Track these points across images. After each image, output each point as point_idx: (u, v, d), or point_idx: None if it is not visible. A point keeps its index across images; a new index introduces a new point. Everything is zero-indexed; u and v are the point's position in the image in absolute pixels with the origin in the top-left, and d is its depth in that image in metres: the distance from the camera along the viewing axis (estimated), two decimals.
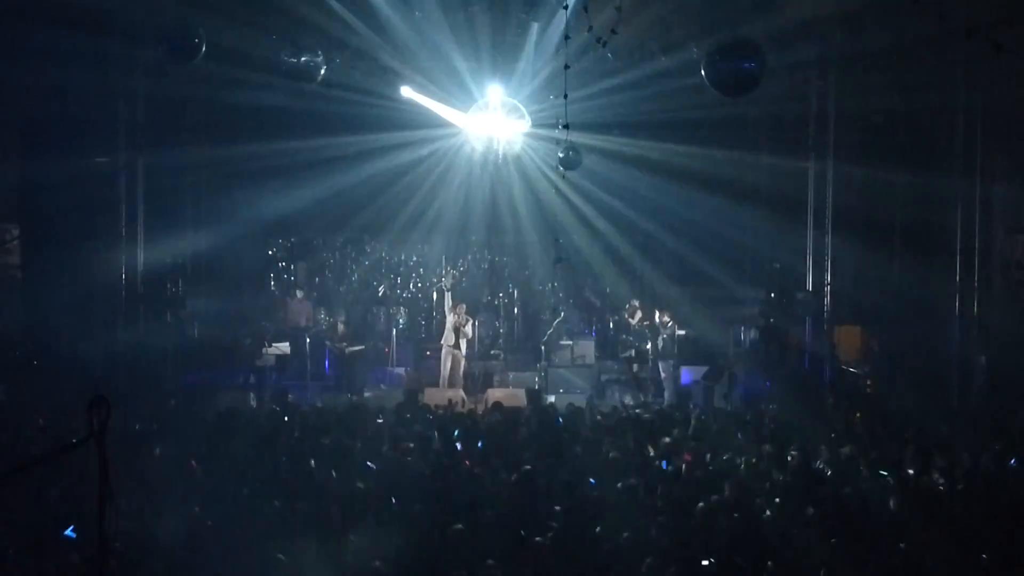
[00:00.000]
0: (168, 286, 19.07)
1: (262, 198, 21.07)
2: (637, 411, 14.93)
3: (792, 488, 10.05)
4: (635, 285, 21.67)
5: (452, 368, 18.04)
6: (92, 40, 15.69)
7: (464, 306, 18.60)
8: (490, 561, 8.19)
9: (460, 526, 8.76)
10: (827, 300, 17.69)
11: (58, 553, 8.22)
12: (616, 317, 20.45)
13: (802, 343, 18.32)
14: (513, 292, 21.66)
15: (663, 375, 17.93)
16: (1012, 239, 17.35)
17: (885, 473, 10.35)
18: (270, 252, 22.21)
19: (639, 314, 19.47)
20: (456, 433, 12.39)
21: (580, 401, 15.62)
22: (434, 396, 16.52)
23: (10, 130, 18.01)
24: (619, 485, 9.89)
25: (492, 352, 19.96)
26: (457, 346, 18.08)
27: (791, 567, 8.15)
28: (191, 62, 15.08)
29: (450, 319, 18.28)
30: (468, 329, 18.31)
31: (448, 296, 18.98)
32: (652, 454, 11.41)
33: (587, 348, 19.40)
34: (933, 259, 17.12)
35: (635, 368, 18.50)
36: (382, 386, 18.39)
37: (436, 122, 19.38)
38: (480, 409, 15.57)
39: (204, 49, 14.84)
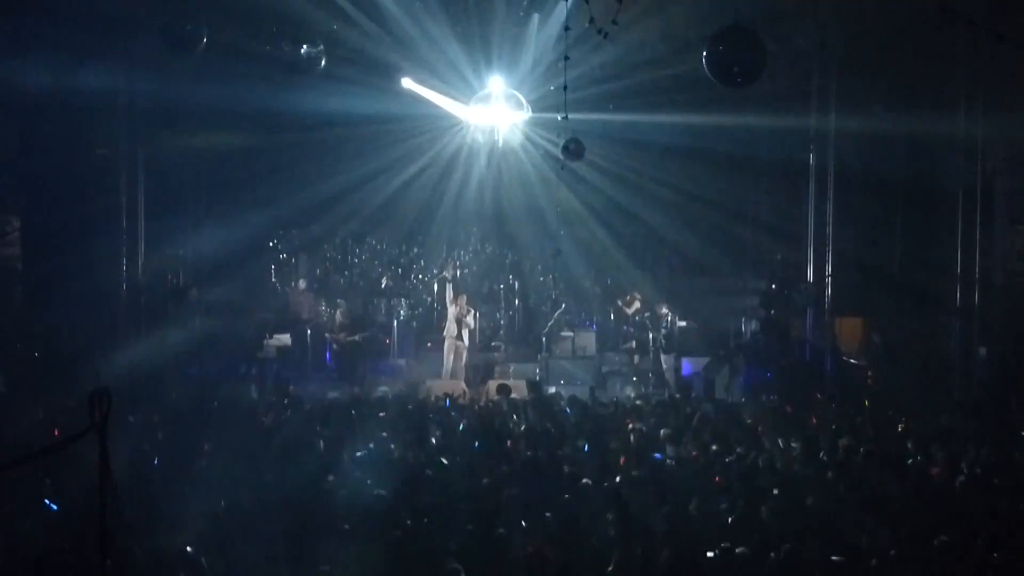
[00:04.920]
0: (169, 277, 19.05)
1: (263, 189, 21.03)
2: (638, 403, 14.94)
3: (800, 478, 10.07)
4: (636, 276, 21.62)
5: (455, 359, 18.08)
6: (92, 31, 15.65)
7: (465, 296, 18.60)
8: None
9: (461, 520, 8.76)
10: (828, 291, 17.65)
11: (57, 547, 8.20)
12: (613, 308, 20.43)
13: (803, 335, 18.29)
14: (514, 283, 21.63)
15: (664, 367, 17.92)
16: (1013, 230, 17.32)
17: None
18: (271, 243, 22.18)
19: (636, 304, 19.44)
20: (462, 428, 12.40)
21: (581, 393, 15.63)
22: (436, 388, 16.53)
23: (10, 121, 17.95)
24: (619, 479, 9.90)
25: (493, 344, 19.97)
26: (460, 337, 18.10)
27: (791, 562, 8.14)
28: (191, 53, 15.04)
29: (452, 310, 18.29)
30: (470, 320, 18.33)
31: (449, 287, 18.98)
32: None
33: (588, 340, 19.40)
34: (934, 250, 17.08)
35: (636, 360, 18.49)
36: (383, 377, 18.39)
37: (437, 113, 19.35)
38: (482, 400, 15.64)
39: (204, 40, 14.80)
